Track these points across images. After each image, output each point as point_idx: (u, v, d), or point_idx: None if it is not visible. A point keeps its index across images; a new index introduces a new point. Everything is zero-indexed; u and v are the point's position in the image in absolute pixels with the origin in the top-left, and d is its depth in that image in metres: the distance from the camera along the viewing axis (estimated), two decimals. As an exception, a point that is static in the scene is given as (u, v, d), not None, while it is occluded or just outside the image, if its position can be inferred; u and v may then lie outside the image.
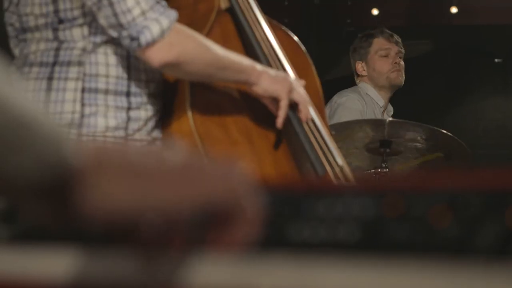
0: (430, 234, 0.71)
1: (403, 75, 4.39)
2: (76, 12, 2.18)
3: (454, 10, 6.71)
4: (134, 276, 0.79)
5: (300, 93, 2.37)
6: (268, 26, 2.48)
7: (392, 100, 4.48)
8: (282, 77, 2.34)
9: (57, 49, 2.20)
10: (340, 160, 2.43)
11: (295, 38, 2.63)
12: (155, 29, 2.11)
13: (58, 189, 0.73)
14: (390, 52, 4.36)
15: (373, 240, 0.75)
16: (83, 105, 2.17)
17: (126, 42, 2.13)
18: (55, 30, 2.20)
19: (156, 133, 2.30)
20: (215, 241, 0.79)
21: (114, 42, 2.20)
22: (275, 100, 2.33)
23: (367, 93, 4.38)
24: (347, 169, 2.45)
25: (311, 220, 0.80)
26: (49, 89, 2.18)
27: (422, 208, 0.73)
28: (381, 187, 0.78)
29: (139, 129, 2.24)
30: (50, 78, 2.18)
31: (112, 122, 2.19)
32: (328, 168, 2.39)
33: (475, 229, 0.69)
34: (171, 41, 2.13)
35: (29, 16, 2.21)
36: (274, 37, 2.47)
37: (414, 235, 0.72)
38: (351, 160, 3.86)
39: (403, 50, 4.40)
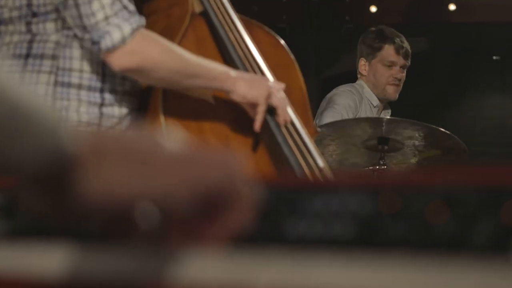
0: (426, 231, 0.71)
1: (399, 90, 4.36)
2: (49, 7, 2.17)
3: (452, 7, 6.71)
4: (130, 272, 0.79)
5: (279, 97, 2.34)
6: (245, 27, 2.46)
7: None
8: (259, 82, 2.31)
9: (30, 41, 2.19)
10: (320, 162, 2.41)
11: (276, 36, 2.62)
12: (116, 35, 2.10)
13: (56, 177, 0.73)
14: (395, 65, 4.32)
15: (370, 236, 0.75)
16: (54, 99, 2.17)
17: (87, 44, 2.12)
18: (28, 23, 2.19)
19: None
20: (211, 228, 0.80)
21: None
22: (253, 105, 2.31)
23: (363, 91, 4.37)
24: (328, 171, 2.44)
25: (308, 216, 0.80)
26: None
27: (418, 204, 0.73)
28: (377, 184, 0.79)
29: (112, 126, 2.23)
30: (23, 71, 2.18)
31: (84, 117, 2.18)
32: (306, 170, 2.37)
33: (471, 226, 0.69)
34: (133, 47, 2.11)
35: (3, 8, 2.21)
36: (251, 38, 2.45)
37: (410, 232, 0.72)
38: (349, 157, 3.86)
39: (409, 63, 4.34)
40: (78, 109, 2.17)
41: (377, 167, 3.73)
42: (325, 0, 6.88)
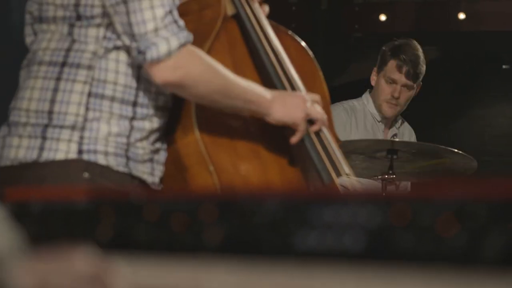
0: (437, 243, 0.71)
1: (398, 110, 4.21)
2: (96, 11, 2.17)
3: (461, 16, 6.71)
4: None
5: (318, 111, 2.35)
6: (275, 32, 2.47)
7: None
8: (295, 103, 2.30)
9: (68, 50, 2.19)
10: (347, 169, 2.42)
11: (303, 43, 2.62)
12: (163, 48, 2.10)
13: None
14: (395, 82, 4.18)
15: (380, 248, 0.75)
16: (87, 109, 2.17)
17: (134, 53, 2.13)
18: (71, 26, 2.19)
19: (159, 145, 2.28)
20: None
21: (126, 49, 2.19)
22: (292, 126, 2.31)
23: (367, 106, 4.32)
24: (354, 178, 2.44)
25: (318, 227, 0.80)
26: (56, 89, 2.18)
27: (429, 217, 0.73)
28: (388, 196, 0.79)
29: (141, 139, 2.23)
30: (58, 79, 2.18)
31: (114, 129, 2.18)
32: (334, 177, 2.38)
33: (482, 239, 0.69)
34: (178, 62, 2.11)
35: (50, 6, 2.20)
36: (281, 43, 2.46)
37: (421, 244, 0.72)
38: (358, 163, 3.86)
39: (412, 83, 4.15)
40: (109, 121, 2.18)
41: (386, 176, 3.73)
42: (334, 9, 6.89)
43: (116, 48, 2.19)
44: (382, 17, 6.74)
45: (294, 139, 2.33)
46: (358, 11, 6.89)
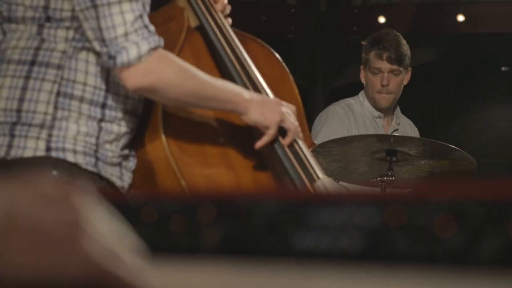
0: (433, 244, 0.71)
1: (392, 98, 4.22)
2: (65, 14, 2.17)
3: (460, 18, 6.71)
4: None
5: (291, 120, 2.34)
6: (241, 40, 2.46)
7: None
8: (273, 106, 2.31)
9: (37, 49, 2.19)
10: (320, 174, 2.41)
11: (271, 49, 2.62)
12: (133, 52, 2.09)
13: None
14: (380, 71, 4.19)
15: (376, 250, 0.75)
16: (56, 108, 2.17)
17: (104, 58, 2.13)
18: (41, 26, 2.19)
19: (127, 151, 2.28)
20: None
21: (96, 51, 2.19)
22: (264, 127, 2.30)
23: (363, 103, 4.34)
24: (334, 179, 2.44)
25: (314, 229, 0.80)
26: (25, 87, 2.18)
27: (425, 218, 0.73)
28: (384, 197, 0.79)
29: (110, 141, 2.22)
30: (27, 77, 2.18)
31: (83, 129, 2.18)
32: (307, 183, 2.38)
33: (479, 240, 0.69)
34: (148, 66, 2.11)
35: (19, 6, 2.21)
36: (248, 51, 2.45)
37: (418, 245, 0.72)
38: (358, 167, 3.86)
39: (397, 67, 4.15)
40: (78, 121, 2.18)
41: (385, 177, 3.73)
42: (333, 11, 6.89)
43: (86, 48, 2.19)
44: (381, 19, 6.74)
45: (259, 143, 2.32)
46: (357, 13, 6.90)
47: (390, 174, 3.72)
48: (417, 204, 0.74)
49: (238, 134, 2.39)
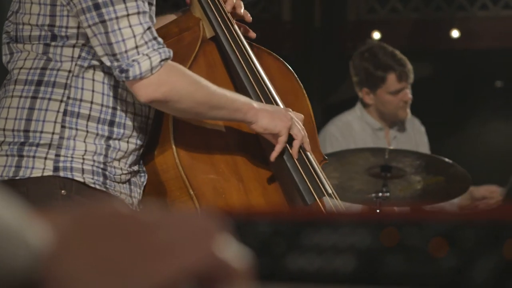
0: (427, 266, 0.71)
1: (408, 108, 4.34)
2: (71, 31, 2.17)
3: (455, 33, 6.73)
4: None
5: (299, 128, 2.35)
6: (255, 53, 2.47)
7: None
8: (281, 114, 2.32)
9: (44, 68, 2.20)
10: (329, 188, 2.42)
11: (285, 63, 2.63)
12: (145, 65, 2.09)
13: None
14: (401, 91, 4.27)
15: (370, 271, 0.75)
16: (63, 127, 2.17)
17: (116, 72, 2.13)
18: (47, 45, 2.19)
19: (136, 167, 2.28)
20: None
21: (102, 69, 2.19)
22: (275, 136, 2.31)
23: (362, 118, 4.35)
24: (336, 197, 2.45)
25: (307, 249, 0.79)
26: (32, 108, 2.18)
27: (419, 239, 0.73)
28: (378, 217, 0.78)
29: (118, 159, 2.22)
30: (34, 97, 2.19)
31: (90, 148, 2.18)
32: (317, 197, 2.38)
33: (472, 262, 0.69)
34: (160, 78, 2.11)
35: (25, 26, 2.21)
36: (261, 63, 2.47)
37: (411, 267, 0.72)
38: (353, 184, 3.85)
39: (410, 81, 4.29)
40: (85, 139, 2.18)
41: (380, 194, 3.71)
42: (328, 26, 6.90)
43: (92, 67, 2.19)
44: (376, 34, 6.75)
45: (274, 154, 2.32)
46: (351, 28, 6.91)
47: (384, 190, 3.71)
48: (411, 225, 0.74)
49: (248, 146, 2.40)
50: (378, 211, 0.81)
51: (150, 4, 2.21)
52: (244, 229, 0.83)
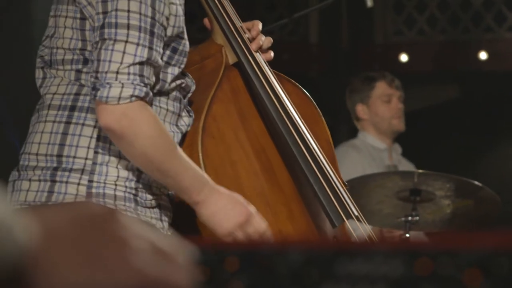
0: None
1: (404, 121, 4.43)
2: None
3: (483, 55, 6.71)
4: None
5: (257, 227, 2.18)
6: (276, 79, 2.49)
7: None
8: (235, 210, 2.15)
9: (77, 94, 2.20)
10: (355, 211, 2.41)
11: (303, 89, 2.64)
12: (114, 91, 2.05)
13: (16, 280, 0.70)
14: (392, 97, 4.41)
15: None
16: (96, 153, 2.17)
17: (90, 87, 2.12)
18: (78, 71, 2.20)
19: (166, 190, 2.26)
20: None
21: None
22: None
23: (366, 141, 4.41)
24: (362, 219, 2.44)
25: (341, 279, 0.79)
26: (65, 133, 2.19)
27: (453, 269, 0.72)
28: (411, 246, 0.78)
29: (150, 184, 2.21)
30: (67, 123, 2.19)
31: (123, 173, 2.18)
32: (344, 219, 2.38)
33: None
34: (126, 112, 2.05)
35: (59, 50, 2.22)
36: (282, 89, 2.47)
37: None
38: (382, 208, 3.84)
39: (403, 94, 4.44)
40: (117, 165, 2.17)
41: (410, 218, 3.69)
42: (355, 49, 6.90)
43: None
44: (403, 57, 6.74)
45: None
46: (379, 51, 6.91)
47: (414, 214, 3.69)
48: (445, 254, 0.74)
49: (276, 170, 2.40)
50: (408, 235, 0.81)
51: (180, 38, 2.21)
52: (276, 258, 0.83)
